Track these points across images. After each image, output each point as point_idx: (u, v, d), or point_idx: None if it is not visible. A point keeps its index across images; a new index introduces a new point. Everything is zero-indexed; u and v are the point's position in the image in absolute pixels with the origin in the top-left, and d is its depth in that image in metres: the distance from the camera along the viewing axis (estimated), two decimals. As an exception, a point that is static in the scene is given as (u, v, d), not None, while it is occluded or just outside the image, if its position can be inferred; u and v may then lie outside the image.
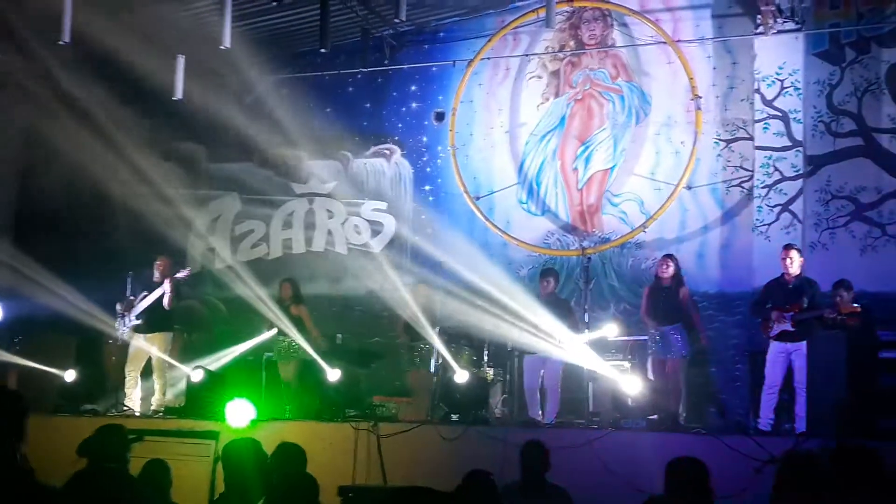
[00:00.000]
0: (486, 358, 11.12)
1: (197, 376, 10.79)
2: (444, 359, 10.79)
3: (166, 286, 10.88)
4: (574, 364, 10.60)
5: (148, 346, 10.96)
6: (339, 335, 12.09)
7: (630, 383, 10.03)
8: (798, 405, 9.29)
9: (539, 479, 6.51)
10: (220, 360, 11.87)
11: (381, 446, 9.01)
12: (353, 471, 8.87)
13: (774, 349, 9.54)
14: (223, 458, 5.21)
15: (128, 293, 11.11)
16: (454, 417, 10.32)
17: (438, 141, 13.70)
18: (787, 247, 9.87)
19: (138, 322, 10.94)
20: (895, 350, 9.65)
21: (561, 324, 10.32)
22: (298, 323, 11.38)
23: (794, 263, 9.61)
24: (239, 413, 9.13)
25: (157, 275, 11.10)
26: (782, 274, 9.71)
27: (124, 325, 10.98)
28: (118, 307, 11.02)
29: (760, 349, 9.92)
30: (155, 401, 10.91)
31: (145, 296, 10.97)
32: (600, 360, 10.42)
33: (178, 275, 11.07)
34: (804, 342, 9.34)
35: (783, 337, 9.45)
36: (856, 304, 9.22)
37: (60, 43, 9.89)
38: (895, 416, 8.61)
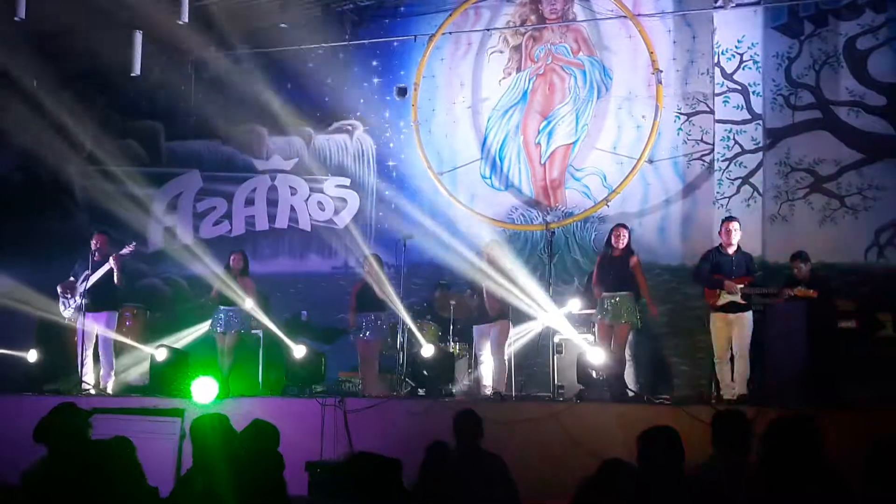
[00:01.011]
0: (451, 333, 11.16)
1: (160, 355, 10.72)
2: (408, 332, 10.80)
3: (112, 263, 10.71)
4: (541, 336, 10.67)
5: (93, 325, 10.77)
6: (305, 312, 12.06)
7: (595, 355, 10.09)
8: (736, 371, 9.53)
9: (473, 446, 6.55)
10: (183, 339, 11.82)
11: (348, 422, 9.02)
12: (320, 446, 8.87)
13: (717, 320, 9.77)
14: (192, 433, 5.19)
15: (71, 273, 10.93)
16: (421, 392, 10.36)
17: (401, 116, 13.65)
18: (729, 219, 10.05)
19: (85, 301, 10.74)
20: (853, 319, 9.80)
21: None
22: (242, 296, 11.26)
23: (734, 235, 9.80)
24: (204, 390, 9.09)
25: (96, 253, 10.91)
26: (720, 245, 9.90)
27: (68, 306, 10.82)
28: (59, 288, 10.85)
29: (721, 320, 10.02)
30: (109, 381, 10.72)
31: (88, 275, 10.79)
32: (573, 330, 10.50)
33: (123, 251, 10.88)
34: (747, 311, 9.60)
35: (728, 308, 9.66)
36: (812, 290, 9.36)
37: (16, 19, 9.71)
38: (855, 385, 8.74)
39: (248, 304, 10.89)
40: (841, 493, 4.40)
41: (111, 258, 10.74)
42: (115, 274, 10.71)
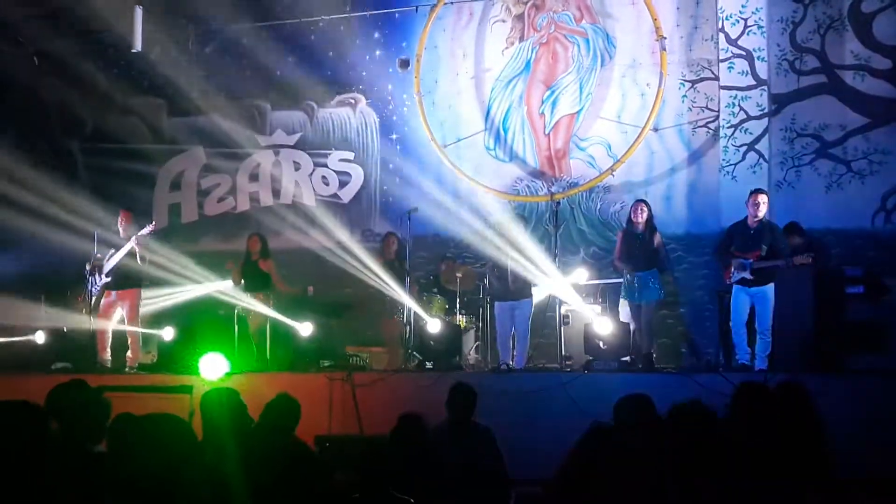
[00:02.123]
0: (458, 305, 11.17)
1: (168, 335, 10.78)
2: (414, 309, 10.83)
3: (133, 244, 10.76)
4: (548, 307, 10.69)
5: (119, 303, 10.89)
6: (311, 287, 12.06)
7: (602, 325, 10.13)
8: (759, 345, 9.45)
9: (465, 419, 6.61)
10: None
11: (356, 396, 9.04)
12: (329, 421, 8.90)
13: (737, 292, 9.70)
14: (201, 407, 5.19)
15: (95, 251, 10.97)
16: (428, 366, 10.38)
17: (404, 89, 13.57)
18: (757, 191, 9.83)
19: (108, 280, 10.84)
20: (860, 285, 9.79)
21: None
22: (266, 278, 11.36)
23: (762, 208, 9.64)
24: (212, 367, 9.12)
25: (121, 230, 10.99)
26: (746, 217, 9.77)
27: (94, 284, 10.88)
28: (87, 266, 10.91)
29: (728, 289, 10.01)
30: (129, 357, 10.86)
31: (113, 253, 10.86)
32: (579, 299, 10.53)
33: (143, 231, 10.93)
34: (766, 286, 9.47)
35: (743, 282, 9.58)
36: (808, 256, 9.29)
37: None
38: (862, 351, 8.74)
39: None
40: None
41: (132, 239, 10.78)
42: (137, 255, 10.76)
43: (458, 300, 11.20)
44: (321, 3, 13.45)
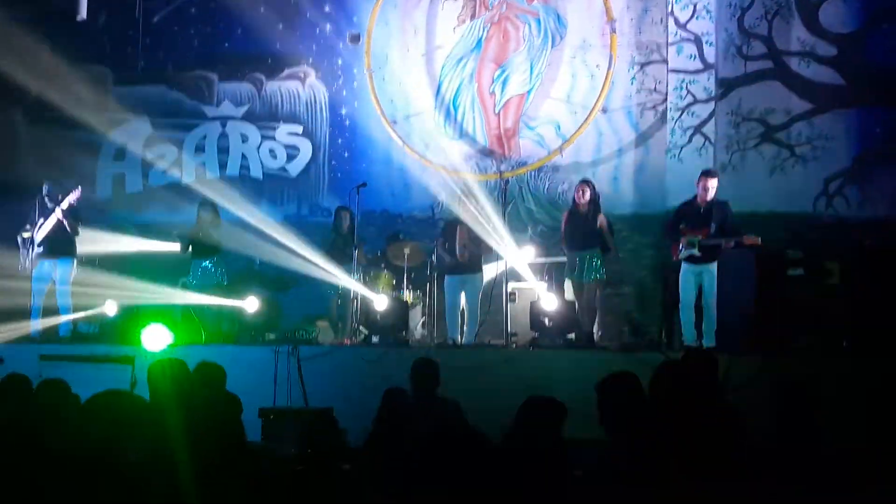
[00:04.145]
0: (405, 281, 11.17)
1: (111, 310, 10.64)
2: (364, 281, 10.82)
3: (58, 212, 10.58)
4: (495, 284, 10.74)
5: (52, 270, 10.69)
6: (258, 260, 11.98)
7: (548, 302, 10.20)
8: (706, 322, 9.57)
9: (430, 393, 6.60)
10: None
11: (301, 369, 9.01)
12: (274, 394, 8.86)
13: (685, 270, 9.78)
14: (148, 377, 5.14)
15: (34, 218, 10.76)
16: (374, 340, 10.38)
17: (354, 63, 13.48)
18: (708, 174, 9.83)
19: (40, 249, 10.63)
20: (802, 268, 9.94)
21: None
22: (216, 247, 11.21)
23: (710, 193, 9.69)
24: (155, 338, 9.03)
25: (46, 200, 10.77)
26: (695, 196, 9.85)
27: (28, 256, 10.68)
28: (19, 239, 10.70)
29: (673, 268, 10.12)
30: (67, 327, 10.66)
31: (42, 223, 10.65)
32: (530, 274, 10.59)
33: (69, 197, 10.74)
34: (712, 263, 9.58)
35: (691, 259, 9.69)
36: (756, 236, 9.42)
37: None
38: (802, 332, 8.90)
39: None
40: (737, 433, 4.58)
41: (57, 209, 10.59)
42: (65, 223, 10.58)
43: (405, 276, 11.20)
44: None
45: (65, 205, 10.65)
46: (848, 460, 4.43)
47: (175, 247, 11.34)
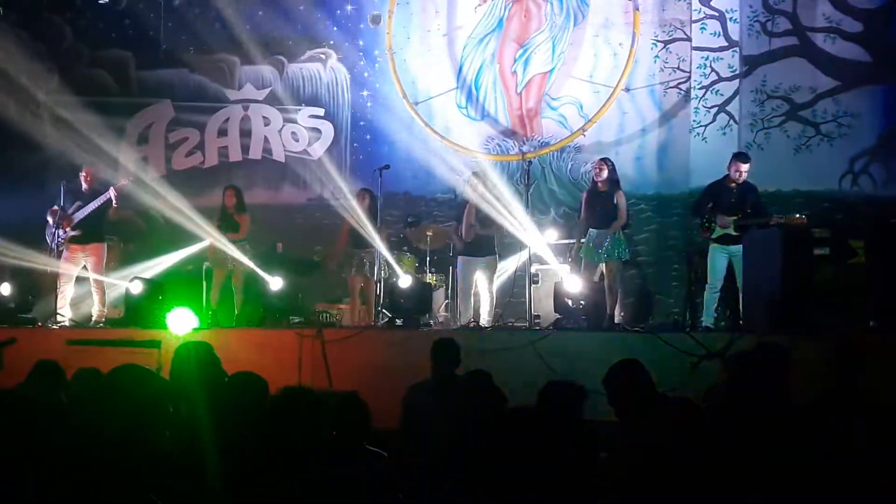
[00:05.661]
0: (428, 264, 11.16)
1: (135, 288, 10.65)
2: (387, 264, 10.80)
3: (112, 195, 10.60)
4: (518, 266, 10.70)
5: (84, 257, 10.75)
6: (280, 244, 12.00)
7: (572, 284, 10.15)
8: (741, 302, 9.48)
9: (450, 376, 6.53)
10: (154, 268, 11.76)
11: (325, 352, 9.03)
12: (298, 377, 8.87)
13: (716, 250, 9.59)
14: (174, 360, 5.15)
15: (62, 203, 10.78)
16: (398, 322, 10.38)
17: (375, 45, 13.45)
18: (740, 158, 9.57)
19: (74, 233, 10.66)
20: (828, 246, 9.85)
21: None
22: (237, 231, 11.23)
23: (743, 176, 9.43)
24: (181, 321, 9.05)
25: (84, 185, 10.79)
26: (726, 177, 9.57)
27: (58, 237, 10.70)
28: (50, 218, 10.72)
29: (697, 249, 10.05)
30: (95, 312, 10.75)
31: (80, 206, 10.68)
32: (554, 259, 10.53)
33: (121, 183, 10.80)
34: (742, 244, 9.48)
35: (724, 240, 9.53)
36: (801, 216, 9.26)
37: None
38: (828, 311, 8.83)
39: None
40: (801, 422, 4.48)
41: (111, 189, 10.60)
42: (112, 205, 10.62)
43: (427, 259, 11.19)
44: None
45: (116, 191, 10.67)
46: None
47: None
